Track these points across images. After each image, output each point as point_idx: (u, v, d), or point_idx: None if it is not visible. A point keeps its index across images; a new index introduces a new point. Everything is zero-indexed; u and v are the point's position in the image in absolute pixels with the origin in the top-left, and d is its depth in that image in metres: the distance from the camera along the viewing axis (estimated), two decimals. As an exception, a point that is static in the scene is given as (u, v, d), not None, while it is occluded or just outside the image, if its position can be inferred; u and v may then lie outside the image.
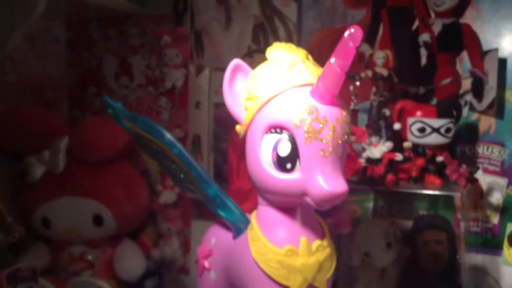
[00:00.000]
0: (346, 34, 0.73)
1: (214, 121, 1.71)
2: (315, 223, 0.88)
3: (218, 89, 1.67)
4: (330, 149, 0.78)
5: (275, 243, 0.84)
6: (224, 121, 1.67)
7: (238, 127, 0.88)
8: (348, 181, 1.23)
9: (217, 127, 1.72)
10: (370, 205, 1.50)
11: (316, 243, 0.85)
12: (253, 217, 0.90)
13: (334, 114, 0.79)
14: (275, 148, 0.80)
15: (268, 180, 0.82)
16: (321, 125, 0.77)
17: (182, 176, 0.95)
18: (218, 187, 0.95)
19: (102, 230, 1.53)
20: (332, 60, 0.75)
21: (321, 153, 0.78)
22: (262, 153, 0.81)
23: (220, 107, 1.68)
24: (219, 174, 1.71)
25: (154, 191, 1.71)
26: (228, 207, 0.94)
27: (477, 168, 1.27)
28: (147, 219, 1.70)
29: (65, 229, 1.51)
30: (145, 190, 1.66)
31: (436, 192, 1.23)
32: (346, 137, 0.81)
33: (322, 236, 0.88)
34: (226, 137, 1.63)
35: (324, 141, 0.77)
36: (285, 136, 0.79)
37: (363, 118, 1.39)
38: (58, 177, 1.51)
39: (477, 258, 1.40)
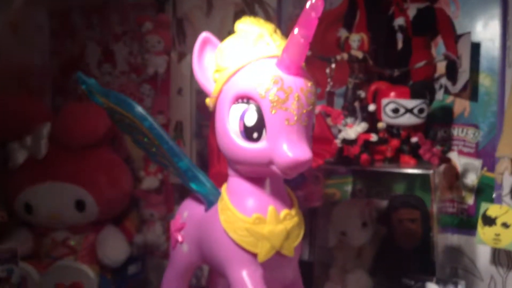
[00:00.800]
0: (307, 4, 0.75)
1: (197, 108, 1.73)
2: (283, 193, 0.90)
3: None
4: (295, 118, 0.80)
5: (244, 211, 0.86)
6: (207, 108, 1.69)
7: (207, 100, 0.89)
8: (325, 163, 1.27)
9: (199, 114, 1.73)
10: (349, 188, 1.53)
11: (284, 212, 0.87)
12: (223, 188, 0.91)
13: (299, 84, 0.81)
14: (242, 118, 0.81)
15: (236, 149, 0.83)
16: (286, 95, 0.79)
17: (154, 150, 0.97)
18: (190, 160, 0.97)
19: (85, 215, 1.53)
20: (295, 31, 0.77)
21: (286, 122, 0.79)
22: (230, 124, 0.83)
23: (203, 93, 1.70)
24: (202, 161, 1.72)
25: (137, 177, 1.72)
26: (199, 180, 0.96)
27: (449, 148, 1.28)
28: (130, 205, 1.71)
29: (48, 215, 1.52)
30: (128, 176, 1.67)
31: (409, 171, 1.25)
32: (311, 107, 0.82)
33: (290, 206, 0.89)
34: (208, 123, 1.65)
35: (289, 110, 0.79)
36: (251, 106, 0.81)
37: (340, 102, 1.41)
38: (40, 162, 1.52)
39: (453, 239, 1.42)
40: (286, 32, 1.53)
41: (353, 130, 1.27)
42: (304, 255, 1.43)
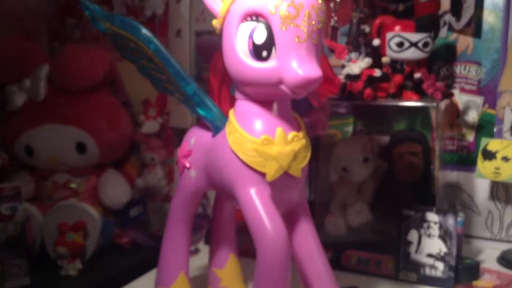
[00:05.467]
0: None
1: (196, 50, 1.71)
2: (291, 116, 0.90)
3: (199, 17, 1.65)
4: (305, 35, 0.79)
5: (252, 133, 0.86)
6: (206, 50, 1.67)
7: (214, 21, 0.88)
8: (328, 99, 1.27)
9: (199, 56, 1.71)
10: (350, 129, 1.53)
11: (292, 134, 0.87)
12: (230, 113, 0.91)
13: (309, 1, 0.80)
14: (251, 36, 0.80)
15: (245, 70, 0.83)
16: (296, 11, 0.78)
17: (159, 75, 0.96)
18: (197, 85, 0.96)
19: (86, 158, 1.54)
20: None
21: (296, 39, 0.79)
22: (238, 43, 0.82)
23: (202, 35, 1.68)
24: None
25: (137, 121, 1.72)
26: (206, 105, 0.95)
27: (453, 81, 1.29)
28: (130, 150, 1.71)
29: (49, 157, 1.52)
30: (127, 119, 1.67)
31: (412, 103, 1.26)
32: (321, 24, 0.81)
33: (297, 129, 0.90)
34: (208, 65, 1.63)
35: (299, 27, 0.78)
36: (261, 24, 0.80)
37: (343, 41, 1.40)
38: (39, 105, 1.51)
39: (452, 176, 1.45)
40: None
41: (357, 65, 1.26)
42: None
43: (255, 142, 0.85)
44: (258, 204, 0.83)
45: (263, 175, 0.85)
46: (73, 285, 1.33)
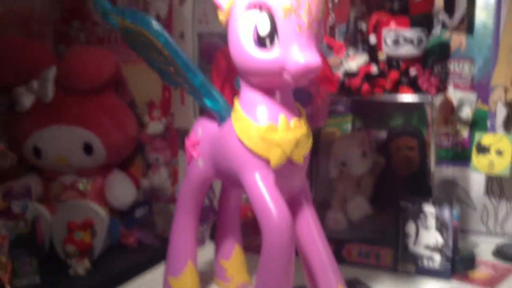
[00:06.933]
0: None
1: (199, 52, 1.75)
2: (292, 105, 0.94)
3: (201, 19, 1.69)
4: (306, 25, 0.84)
5: (257, 120, 0.90)
6: (209, 52, 1.71)
7: (220, 15, 0.93)
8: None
9: (201, 59, 1.75)
10: (348, 126, 1.58)
11: (294, 121, 0.92)
12: (236, 102, 0.96)
13: (309, -7, 0.85)
14: (255, 27, 0.85)
15: (249, 59, 0.87)
16: (297, 2, 0.83)
17: (167, 67, 1.00)
18: (204, 77, 1.01)
19: (93, 159, 1.56)
20: None
21: (297, 28, 0.83)
22: (243, 33, 0.87)
23: (204, 38, 1.72)
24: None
25: (141, 122, 1.74)
26: (213, 96, 1.00)
27: (446, 76, 1.33)
28: (135, 152, 1.74)
29: (56, 158, 1.54)
30: (133, 120, 1.69)
31: (409, 98, 1.30)
32: (321, 14, 0.86)
33: (299, 116, 0.94)
34: (210, 67, 1.67)
35: (300, 17, 0.83)
36: (264, 14, 0.85)
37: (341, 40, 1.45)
38: (47, 106, 1.53)
39: (448, 171, 1.49)
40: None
41: (354, 62, 1.31)
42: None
43: (260, 129, 0.89)
44: (262, 188, 0.87)
45: (267, 161, 0.89)
46: (82, 284, 1.34)
